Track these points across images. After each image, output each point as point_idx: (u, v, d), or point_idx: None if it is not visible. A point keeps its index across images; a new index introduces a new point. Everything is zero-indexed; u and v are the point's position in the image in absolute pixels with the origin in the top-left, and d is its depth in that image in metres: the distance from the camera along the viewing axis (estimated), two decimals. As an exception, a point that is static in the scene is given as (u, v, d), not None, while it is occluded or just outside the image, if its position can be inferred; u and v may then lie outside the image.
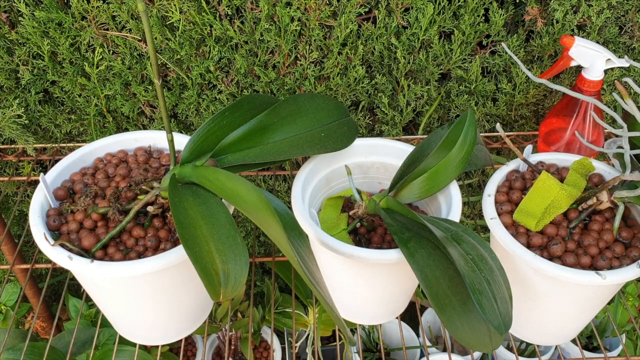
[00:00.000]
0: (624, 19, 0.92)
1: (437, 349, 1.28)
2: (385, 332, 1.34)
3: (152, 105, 1.00)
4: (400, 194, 0.68)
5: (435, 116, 1.02)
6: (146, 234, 0.63)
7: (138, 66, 0.94)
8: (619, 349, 1.26)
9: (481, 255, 0.58)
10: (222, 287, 0.52)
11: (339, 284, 0.69)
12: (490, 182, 0.71)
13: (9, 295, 1.15)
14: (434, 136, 0.71)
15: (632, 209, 0.69)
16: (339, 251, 0.60)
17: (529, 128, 1.03)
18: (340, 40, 0.89)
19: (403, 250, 0.57)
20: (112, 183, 0.69)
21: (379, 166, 0.77)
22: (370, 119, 1.01)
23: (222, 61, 0.93)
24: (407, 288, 0.72)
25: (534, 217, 0.65)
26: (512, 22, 0.94)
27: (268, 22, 0.88)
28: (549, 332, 0.73)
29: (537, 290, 0.66)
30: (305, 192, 0.70)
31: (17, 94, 0.97)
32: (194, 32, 0.89)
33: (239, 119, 0.68)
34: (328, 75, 0.94)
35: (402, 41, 0.91)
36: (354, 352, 1.23)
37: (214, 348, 1.32)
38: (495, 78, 0.97)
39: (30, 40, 0.91)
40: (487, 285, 0.55)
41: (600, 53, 0.77)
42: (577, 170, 0.70)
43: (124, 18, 0.88)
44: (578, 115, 0.82)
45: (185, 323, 0.73)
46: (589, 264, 0.63)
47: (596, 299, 0.68)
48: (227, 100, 0.96)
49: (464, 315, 0.56)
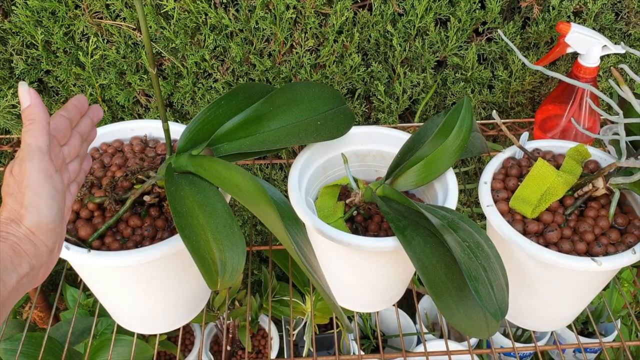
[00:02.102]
0: (620, 5, 0.92)
1: (434, 336, 1.29)
2: (382, 320, 1.34)
3: (147, 95, 1.00)
4: (397, 182, 0.68)
5: (431, 104, 1.02)
6: (143, 224, 0.63)
7: (133, 55, 0.93)
8: (614, 334, 1.27)
9: (477, 242, 0.58)
10: (220, 275, 0.53)
11: (336, 272, 0.70)
12: (486, 170, 0.71)
13: (6, 286, 1.15)
14: (430, 124, 0.71)
15: (627, 196, 0.69)
16: (336, 239, 0.61)
17: (525, 115, 1.04)
18: (336, 28, 0.89)
19: (400, 237, 0.57)
20: (108, 173, 0.69)
21: (375, 154, 0.77)
22: (366, 107, 1.01)
23: (217, 49, 0.93)
24: (403, 276, 0.72)
25: (530, 204, 0.66)
26: (508, 8, 0.94)
27: (263, 10, 0.88)
28: (545, 318, 0.74)
29: (533, 277, 0.66)
30: (301, 180, 0.70)
31: (12, 84, 0.97)
32: (188, 21, 0.89)
33: (234, 108, 0.67)
34: (324, 63, 0.94)
35: (398, 28, 0.91)
36: (351, 339, 1.24)
37: (211, 336, 1.32)
38: (491, 65, 0.97)
39: (24, 30, 0.90)
40: (483, 272, 0.55)
41: (596, 40, 0.77)
42: (573, 157, 0.70)
43: (118, 7, 0.88)
44: (574, 102, 0.82)
45: (183, 312, 0.73)
46: (585, 250, 0.63)
47: (592, 285, 0.68)
48: (222, 89, 0.96)
49: (461, 302, 0.56)
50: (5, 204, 0.46)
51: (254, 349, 1.31)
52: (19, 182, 0.45)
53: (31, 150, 0.46)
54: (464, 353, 0.76)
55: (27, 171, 0.45)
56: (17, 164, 0.46)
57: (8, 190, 0.46)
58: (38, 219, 0.45)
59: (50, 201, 0.46)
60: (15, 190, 0.45)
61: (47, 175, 0.46)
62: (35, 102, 0.47)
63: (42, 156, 0.46)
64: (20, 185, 0.45)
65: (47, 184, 0.46)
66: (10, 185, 0.46)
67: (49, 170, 0.46)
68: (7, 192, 0.46)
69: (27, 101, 0.47)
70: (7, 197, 0.46)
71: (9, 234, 0.44)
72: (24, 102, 0.47)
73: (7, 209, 0.45)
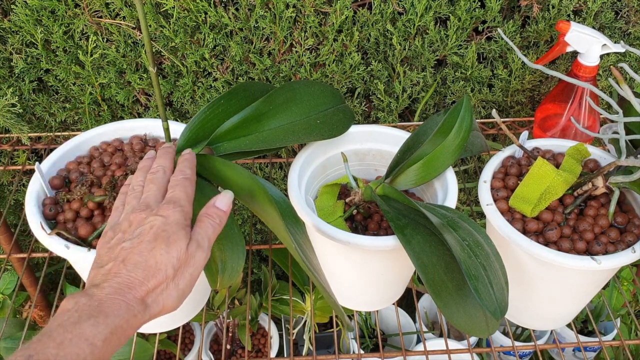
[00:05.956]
0: (620, 4, 0.92)
1: (434, 335, 1.29)
2: (382, 319, 1.34)
3: (147, 94, 1.00)
4: (397, 181, 0.68)
5: (431, 103, 1.02)
6: (143, 223, 0.63)
7: (132, 54, 0.93)
8: (614, 333, 1.27)
9: (477, 241, 0.58)
10: (220, 274, 0.53)
11: (336, 271, 0.70)
12: (486, 168, 0.71)
13: (6, 285, 1.15)
14: (430, 123, 0.71)
15: (627, 194, 0.69)
16: (336, 238, 0.61)
17: (525, 114, 1.03)
18: (336, 27, 0.89)
19: (399, 236, 0.57)
20: (108, 172, 0.69)
21: (375, 153, 0.77)
22: (366, 106, 1.01)
23: (217, 48, 0.93)
24: (403, 274, 0.72)
25: (530, 202, 0.66)
26: (508, 7, 0.94)
27: (263, 8, 0.88)
28: (545, 317, 0.74)
29: (532, 276, 0.66)
30: (301, 179, 0.70)
31: (11, 83, 0.97)
32: (188, 20, 0.88)
33: (234, 107, 0.67)
34: (324, 62, 0.94)
35: (398, 27, 0.91)
36: (351, 338, 1.24)
37: (211, 335, 1.32)
38: (491, 64, 0.97)
39: (24, 29, 0.90)
40: (483, 271, 0.55)
41: (596, 38, 0.77)
42: (572, 156, 0.70)
43: (118, 5, 0.88)
44: (574, 101, 0.82)
45: (183, 311, 0.73)
46: (585, 249, 0.63)
47: (591, 284, 0.68)
48: (222, 87, 0.96)
49: (460, 300, 0.56)
50: (153, 275, 0.44)
51: (253, 348, 1.31)
52: (183, 261, 0.45)
53: (210, 247, 0.47)
54: (464, 352, 0.76)
55: (199, 264, 0.46)
56: (196, 246, 0.46)
57: (164, 260, 0.44)
58: (166, 312, 0.45)
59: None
60: (167, 266, 0.44)
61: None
62: (229, 212, 0.50)
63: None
64: (180, 268, 0.45)
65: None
66: (172, 258, 0.45)
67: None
68: (164, 262, 0.44)
69: (225, 207, 0.50)
70: (157, 272, 0.44)
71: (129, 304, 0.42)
72: (223, 206, 0.50)
73: (145, 279, 0.43)
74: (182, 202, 0.48)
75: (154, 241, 0.44)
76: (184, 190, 0.50)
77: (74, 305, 0.40)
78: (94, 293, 0.41)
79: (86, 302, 0.40)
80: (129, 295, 0.42)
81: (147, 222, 0.46)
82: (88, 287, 0.43)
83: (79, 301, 0.41)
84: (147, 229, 0.46)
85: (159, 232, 0.45)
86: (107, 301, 0.41)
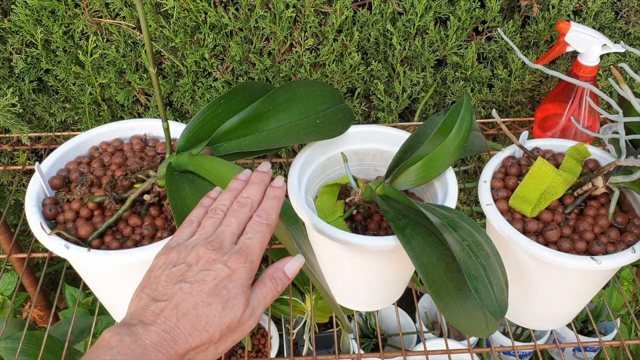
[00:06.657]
0: (620, 4, 0.92)
1: (434, 335, 1.29)
2: (382, 319, 1.34)
3: (147, 94, 1.00)
4: (397, 181, 0.68)
5: (431, 103, 1.02)
6: (143, 223, 0.63)
7: (132, 54, 0.93)
8: (614, 333, 1.27)
9: (477, 241, 0.58)
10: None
11: (336, 271, 0.70)
12: (486, 168, 0.71)
13: (6, 285, 1.15)
14: (430, 123, 0.71)
15: (627, 194, 0.69)
16: (336, 238, 0.61)
17: (525, 114, 1.03)
18: (336, 27, 0.89)
19: (399, 236, 0.57)
20: (107, 172, 0.69)
21: (375, 153, 0.77)
22: (366, 106, 1.01)
23: (217, 48, 0.93)
24: (403, 274, 0.72)
25: (530, 203, 0.66)
26: (508, 7, 0.94)
27: (263, 8, 0.88)
28: (545, 317, 0.74)
29: (532, 276, 0.66)
30: (301, 179, 0.70)
31: (11, 83, 0.97)
32: (188, 20, 0.88)
33: (234, 107, 0.67)
34: (323, 62, 0.94)
35: (398, 27, 0.91)
36: (351, 338, 1.24)
37: (211, 335, 1.32)
38: (491, 64, 0.97)
39: (23, 29, 0.90)
40: (483, 271, 0.55)
41: (596, 38, 0.77)
42: (572, 156, 0.70)
43: (118, 5, 0.88)
44: (574, 101, 0.82)
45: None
46: (585, 249, 0.63)
47: (591, 284, 0.68)
48: (222, 88, 0.96)
49: (460, 300, 0.56)
50: (199, 333, 0.42)
51: (253, 348, 1.31)
52: (232, 329, 0.43)
53: (262, 313, 0.46)
54: (464, 352, 0.76)
55: (246, 332, 0.45)
56: (250, 313, 0.45)
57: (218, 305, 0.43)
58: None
59: None
60: (215, 330, 0.42)
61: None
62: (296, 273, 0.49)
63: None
64: (227, 335, 0.43)
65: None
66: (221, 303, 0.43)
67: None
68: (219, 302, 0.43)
69: (292, 275, 0.48)
70: (204, 332, 0.42)
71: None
72: (290, 273, 0.48)
73: (190, 336, 0.42)
74: (254, 257, 0.46)
75: (213, 296, 0.43)
76: (260, 239, 0.47)
77: (117, 343, 0.39)
78: (139, 335, 0.40)
79: (130, 345, 0.39)
80: (171, 350, 0.41)
81: (214, 268, 0.44)
82: (135, 316, 0.42)
83: (123, 340, 0.40)
84: (211, 278, 0.43)
85: (220, 287, 0.43)
86: (150, 352, 0.40)
